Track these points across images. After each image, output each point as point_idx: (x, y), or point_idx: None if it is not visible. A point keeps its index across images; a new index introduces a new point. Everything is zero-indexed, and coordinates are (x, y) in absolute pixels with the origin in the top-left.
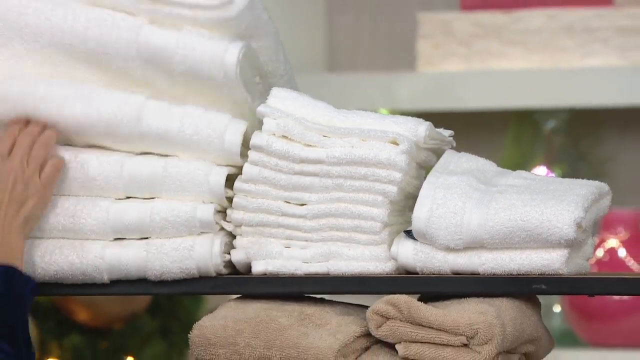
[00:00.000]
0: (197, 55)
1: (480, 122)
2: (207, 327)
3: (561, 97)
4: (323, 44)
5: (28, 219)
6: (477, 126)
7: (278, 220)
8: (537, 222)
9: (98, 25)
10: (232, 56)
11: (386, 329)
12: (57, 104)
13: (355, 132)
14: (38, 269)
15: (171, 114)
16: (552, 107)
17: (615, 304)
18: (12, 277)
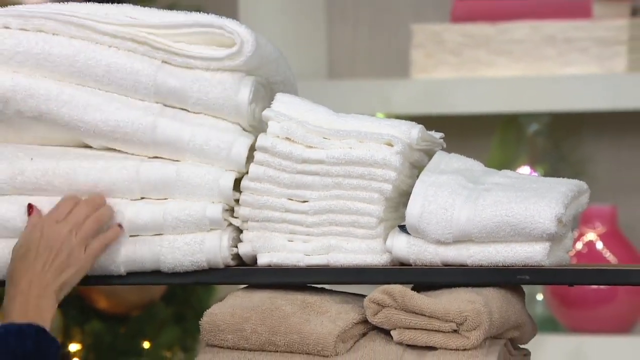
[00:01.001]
0: (211, 98)
1: (469, 125)
2: (216, 314)
3: (543, 102)
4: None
5: (64, 285)
6: (466, 129)
7: (282, 216)
8: (521, 217)
9: (118, 70)
10: (243, 98)
11: (382, 316)
12: (79, 110)
13: (353, 134)
14: None
15: (184, 125)
16: (535, 111)
17: (593, 293)
18: (41, 337)
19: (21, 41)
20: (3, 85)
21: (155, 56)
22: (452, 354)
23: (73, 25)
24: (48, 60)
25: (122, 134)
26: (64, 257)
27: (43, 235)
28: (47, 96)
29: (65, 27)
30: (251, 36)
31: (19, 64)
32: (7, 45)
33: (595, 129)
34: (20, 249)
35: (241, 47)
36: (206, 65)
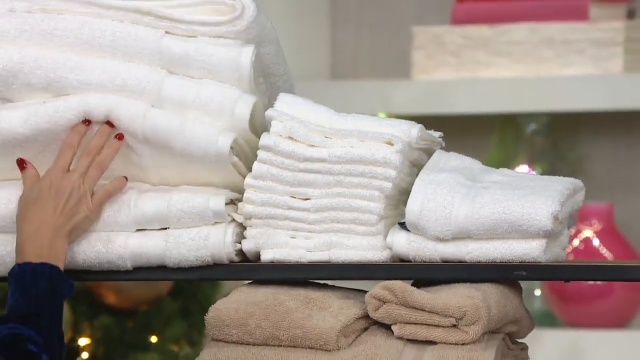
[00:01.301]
0: (214, 61)
1: (468, 125)
2: (221, 309)
3: (541, 102)
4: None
5: (75, 228)
6: (466, 129)
7: (284, 213)
8: (518, 215)
9: (123, 38)
10: (246, 59)
11: (383, 311)
12: (86, 73)
13: (354, 134)
14: (67, 258)
15: (189, 85)
16: (533, 111)
17: (589, 288)
18: (54, 276)
19: (26, 19)
20: (11, 59)
21: (159, 25)
22: (451, 348)
23: (77, 2)
24: (54, 35)
25: (129, 92)
26: (73, 202)
27: (53, 183)
28: (55, 64)
29: (69, 5)
30: (252, 3)
31: (26, 41)
32: (14, 24)
33: (592, 129)
34: (30, 195)
35: (242, 11)
36: (209, 31)
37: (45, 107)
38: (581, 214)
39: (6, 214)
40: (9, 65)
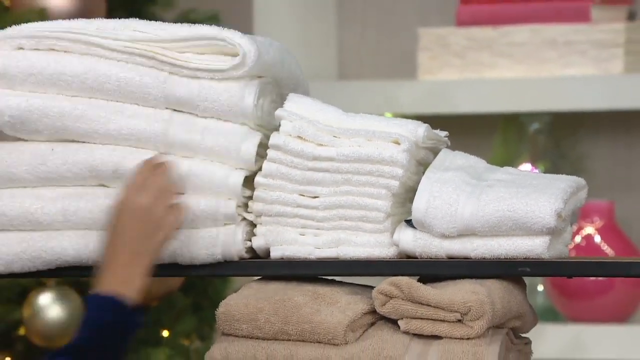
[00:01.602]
0: (217, 105)
1: (472, 124)
2: (231, 305)
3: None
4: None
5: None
6: (470, 128)
7: (293, 211)
8: (522, 212)
9: (127, 84)
10: (248, 101)
11: (390, 306)
12: (92, 123)
13: (362, 133)
14: (83, 255)
15: (194, 127)
16: (535, 111)
17: (591, 284)
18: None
19: (34, 63)
20: (19, 107)
21: (163, 69)
22: (456, 342)
23: (82, 43)
24: (61, 80)
25: (135, 141)
26: (150, 224)
27: (127, 207)
28: (61, 113)
29: (75, 45)
30: (253, 47)
31: (33, 84)
32: (22, 68)
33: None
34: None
35: (244, 58)
36: (211, 76)
37: (54, 158)
38: (583, 211)
39: (20, 214)
40: (16, 113)
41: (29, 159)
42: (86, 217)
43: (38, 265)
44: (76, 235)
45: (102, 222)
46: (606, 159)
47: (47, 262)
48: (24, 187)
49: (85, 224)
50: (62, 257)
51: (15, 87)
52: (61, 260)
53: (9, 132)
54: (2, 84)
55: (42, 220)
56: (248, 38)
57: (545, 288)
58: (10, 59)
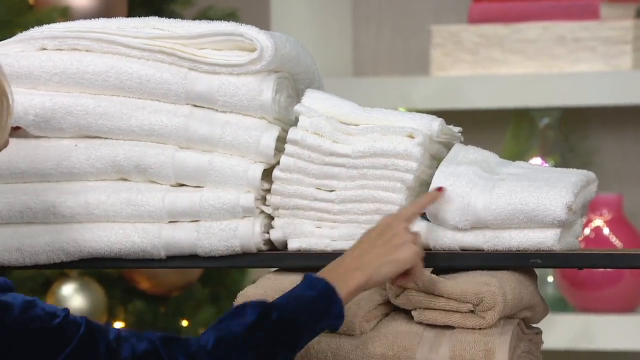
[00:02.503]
0: (236, 99)
1: (484, 119)
2: (249, 295)
3: (554, 98)
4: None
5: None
6: (482, 123)
7: (310, 204)
8: (533, 206)
9: (148, 81)
10: (267, 96)
11: (403, 297)
12: (115, 120)
13: (377, 128)
14: (104, 247)
15: (213, 125)
16: (546, 106)
17: (600, 275)
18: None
19: (57, 63)
20: (43, 106)
21: (182, 65)
22: (468, 332)
23: (104, 42)
24: (83, 78)
25: (157, 136)
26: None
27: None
28: (85, 111)
29: (97, 44)
30: (270, 41)
31: (57, 84)
32: (45, 68)
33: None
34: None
35: (261, 52)
36: (230, 71)
37: (77, 154)
38: (592, 204)
39: (44, 208)
40: (41, 112)
41: (53, 155)
42: (108, 211)
43: (61, 257)
44: (98, 228)
45: (124, 215)
46: (615, 153)
47: (70, 254)
48: (48, 181)
49: (107, 217)
50: (85, 249)
51: (39, 87)
52: (83, 252)
53: (34, 131)
54: (27, 84)
55: (65, 213)
56: (265, 33)
57: (555, 279)
58: (34, 59)
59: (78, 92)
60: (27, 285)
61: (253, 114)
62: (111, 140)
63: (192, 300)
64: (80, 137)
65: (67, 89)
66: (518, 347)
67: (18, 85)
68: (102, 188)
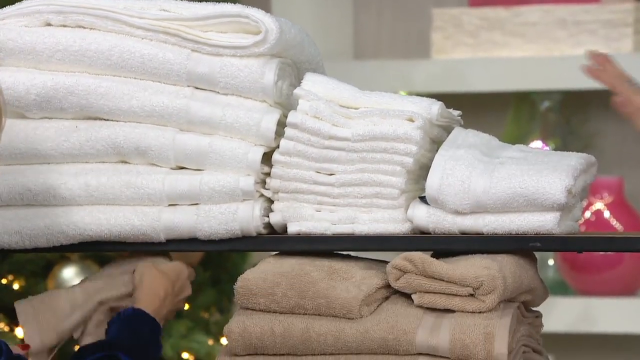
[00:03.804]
0: (238, 81)
1: (485, 102)
2: (249, 279)
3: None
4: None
5: None
6: (483, 106)
7: (310, 187)
8: (533, 189)
9: (151, 60)
10: (269, 79)
11: (403, 281)
12: (116, 100)
13: (377, 111)
14: (104, 230)
15: (214, 106)
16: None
17: (600, 258)
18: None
19: (60, 40)
20: (45, 86)
21: (185, 46)
22: (468, 316)
23: (109, 19)
24: (86, 56)
25: (158, 117)
26: None
27: None
28: (86, 91)
29: (102, 22)
30: (275, 24)
31: (59, 61)
32: (48, 45)
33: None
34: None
35: (266, 35)
36: (233, 53)
37: (77, 135)
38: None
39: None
40: (42, 91)
41: (53, 135)
42: (108, 193)
43: (61, 240)
44: (97, 210)
45: (123, 198)
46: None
47: (70, 237)
48: (48, 163)
49: (107, 199)
50: (85, 232)
51: (41, 64)
52: (83, 235)
53: (36, 111)
54: (29, 60)
55: (65, 195)
56: (270, 16)
57: (556, 262)
58: (38, 35)
59: (80, 70)
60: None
61: (254, 96)
62: (112, 121)
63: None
64: (82, 117)
65: (69, 66)
66: (518, 331)
67: (20, 61)
68: (102, 170)
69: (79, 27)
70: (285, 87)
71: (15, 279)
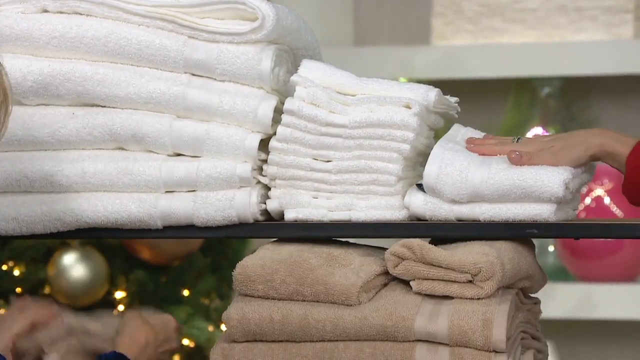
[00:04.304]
0: (235, 68)
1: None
2: (248, 266)
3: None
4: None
5: None
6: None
7: (307, 174)
8: (531, 182)
9: (148, 47)
10: (265, 66)
11: (402, 268)
12: (113, 87)
13: (374, 98)
14: (101, 217)
15: (211, 93)
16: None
17: (600, 245)
18: None
19: (56, 27)
20: (41, 72)
21: (182, 32)
22: (467, 302)
23: (106, 6)
24: (82, 43)
25: (155, 104)
26: None
27: None
28: (83, 78)
29: (98, 8)
30: (272, 11)
31: (55, 47)
32: (44, 31)
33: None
34: None
35: (263, 21)
36: (230, 39)
37: (74, 121)
38: None
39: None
40: (39, 78)
41: (50, 122)
42: (104, 180)
43: (58, 227)
44: (94, 197)
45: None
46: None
47: (67, 223)
48: (45, 150)
49: (104, 186)
50: (81, 219)
51: (37, 51)
52: (80, 221)
53: (32, 98)
54: (25, 47)
55: (62, 182)
56: (267, 3)
57: (556, 248)
58: (34, 22)
59: (76, 57)
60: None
61: (251, 83)
62: (108, 108)
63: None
64: (79, 104)
65: (66, 53)
66: (516, 317)
67: (16, 48)
68: (99, 157)
69: (76, 13)
70: (282, 73)
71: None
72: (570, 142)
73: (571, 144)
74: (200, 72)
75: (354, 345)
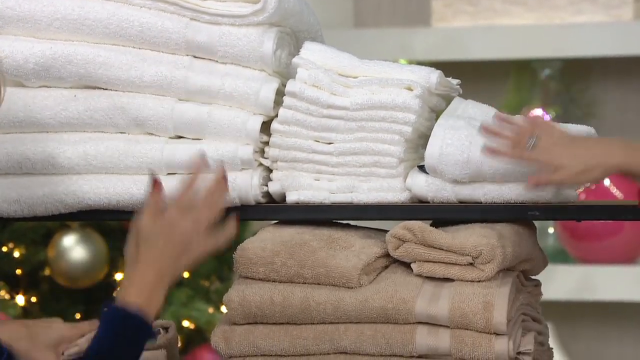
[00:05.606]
0: (237, 50)
1: (486, 70)
2: (249, 248)
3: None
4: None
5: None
6: (484, 74)
7: (308, 156)
8: None
9: (149, 29)
10: (267, 48)
11: (403, 250)
12: (115, 70)
13: (375, 81)
14: (103, 199)
15: (212, 76)
16: (547, 57)
17: (600, 226)
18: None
19: (58, 8)
20: (44, 55)
21: (184, 14)
22: (468, 285)
23: None
24: (84, 25)
25: (157, 87)
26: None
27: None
28: (85, 60)
29: None
30: None
31: (57, 29)
32: (46, 13)
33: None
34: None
35: (265, 4)
36: (232, 22)
37: (76, 104)
38: None
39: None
40: (42, 60)
41: (52, 104)
42: (106, 162)
43: (60, 209)
44: (96, 179)
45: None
46: (616, 103)
47: (69, 205)
48: (47, 132)
49: (105, 168)
50: (83, 201)
51: (39, 32)
52: (82, 203)
53: (34, 80)
54: (27, 29)
55: (64, 164)
56: None
57: (556, 230)
58: (36, 4)
59: (78, 39)
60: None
61: (253, 65)
62: (110, 91)
63: None
64: (80, 86)
65: (68, 35)
66: (517, 299)
67: (18, 30)
68: (101, 139)
69: None
70: (284, 56)
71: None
72: (589, 162)
73: (591, 167)
74: (202, 54)
75: (355, 328)
